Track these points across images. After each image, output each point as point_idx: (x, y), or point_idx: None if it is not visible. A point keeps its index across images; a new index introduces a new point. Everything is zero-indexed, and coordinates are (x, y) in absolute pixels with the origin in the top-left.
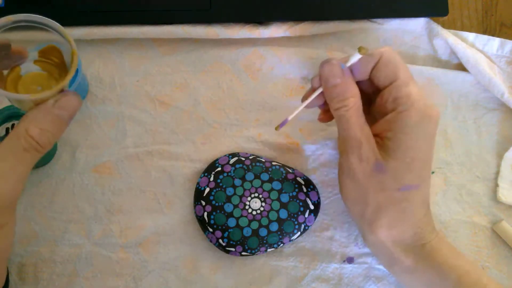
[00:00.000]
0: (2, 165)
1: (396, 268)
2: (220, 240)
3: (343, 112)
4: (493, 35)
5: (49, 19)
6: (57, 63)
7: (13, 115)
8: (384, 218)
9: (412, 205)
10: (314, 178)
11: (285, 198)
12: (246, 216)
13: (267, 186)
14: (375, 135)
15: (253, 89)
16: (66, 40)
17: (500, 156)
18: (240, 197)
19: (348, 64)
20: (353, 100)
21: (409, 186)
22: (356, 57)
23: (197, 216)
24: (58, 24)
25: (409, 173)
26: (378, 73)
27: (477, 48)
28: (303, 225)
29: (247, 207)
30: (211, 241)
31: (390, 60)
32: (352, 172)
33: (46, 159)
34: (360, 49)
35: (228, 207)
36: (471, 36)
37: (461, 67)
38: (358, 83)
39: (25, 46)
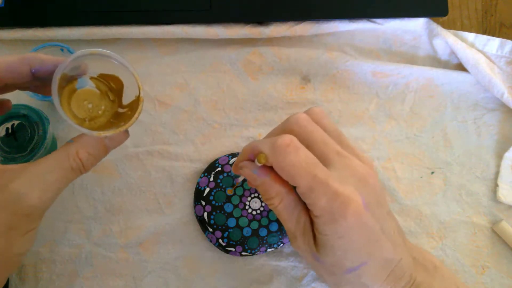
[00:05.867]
0: (49, 177)
1: None
2: (220, 240)
3: (273, 208)
4: (493, 35)
5: (127, 62)
6: (112, 88)
7: (13, 115)
8: None
9: (369, 275)
10: None
11: None
12: (246, 216)
13: None
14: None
15: (253, 89)
16: (137, 86)
17: (499, 156)
18: (240, 197)
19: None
20: (278, 198)
21: (354, 268)
22: (256, 164)
23: (197, 216)
24: (133, 68)
25: (347, 261)
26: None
27: (477, 48)
28: None
29: (247, 207)
30: (211, 241)
31: (282, 168)
32: (302, 255)
33: None
34: (259, 158)
35: (228, 207)
36: (471, 36)
37: (461, 67)
38: None
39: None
